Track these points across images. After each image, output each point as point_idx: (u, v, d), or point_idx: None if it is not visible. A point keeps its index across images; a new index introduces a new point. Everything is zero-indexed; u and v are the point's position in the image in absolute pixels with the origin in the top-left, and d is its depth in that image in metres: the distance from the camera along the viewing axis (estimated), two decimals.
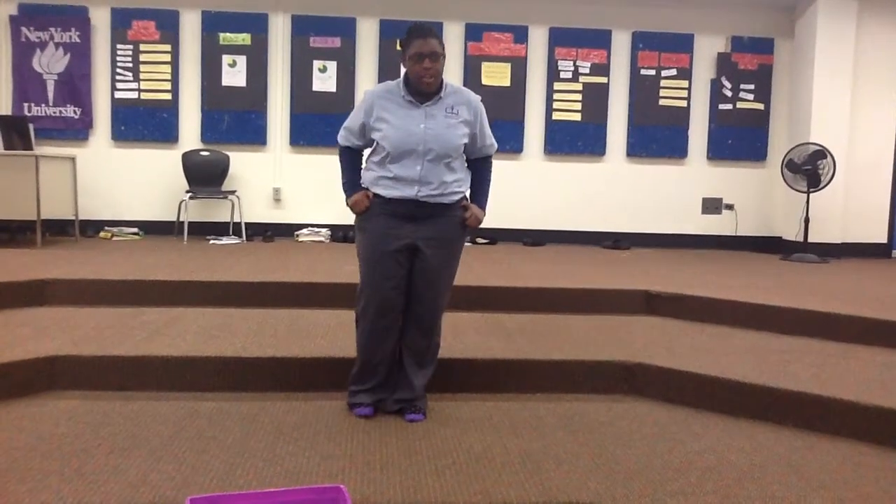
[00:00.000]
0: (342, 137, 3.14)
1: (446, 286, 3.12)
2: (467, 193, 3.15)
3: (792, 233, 7.59)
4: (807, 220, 7.22)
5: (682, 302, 4.59)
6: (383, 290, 3.00)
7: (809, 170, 7.13)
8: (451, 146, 2.97)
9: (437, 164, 2.95)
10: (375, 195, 3.01)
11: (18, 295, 4.31)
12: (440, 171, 2.96)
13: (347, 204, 3.09)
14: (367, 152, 3.17)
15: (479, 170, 3.18)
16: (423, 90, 2.96)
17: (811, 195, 7.21)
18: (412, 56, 2.91)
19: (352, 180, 3.12)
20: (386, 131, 2.95)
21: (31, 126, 6.50)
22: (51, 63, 7.44)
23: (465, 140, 3.02)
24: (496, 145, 3.21)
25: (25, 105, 7.44)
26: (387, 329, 3.05)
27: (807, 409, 3.08)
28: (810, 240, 7.23)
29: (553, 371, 3.51)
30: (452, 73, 7.78)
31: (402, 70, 3.05)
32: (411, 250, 3.01)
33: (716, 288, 4.91)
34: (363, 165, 3.15)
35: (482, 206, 3.16)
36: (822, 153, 7.11)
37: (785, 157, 7.35)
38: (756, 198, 8.19)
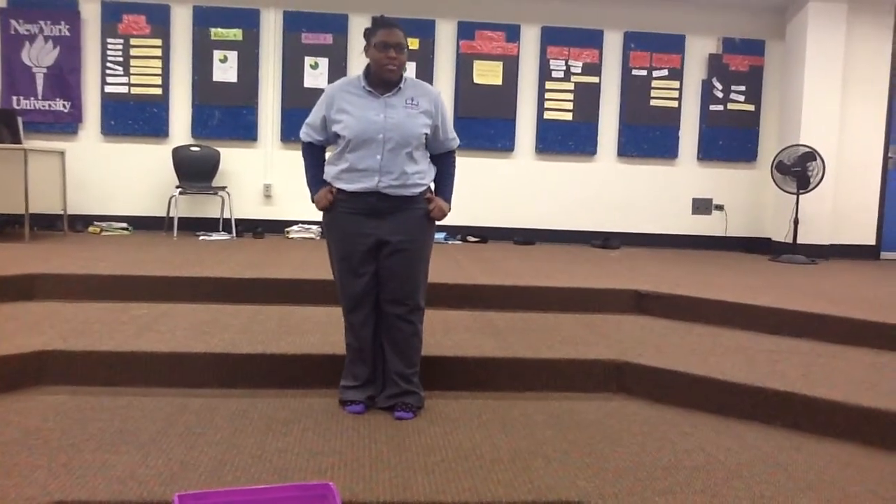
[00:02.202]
0: (304, 134, 3.16)
1: (420, 271, 3.10)
2: (431, 186, 3.16)
3: (781, 234, 7.63)
4: (796, 222, 7.26)
5: (671, 301, 4.60)
6: (356, 286, 3.05)
7: (799, 171, 7.17)
8: (411, 135, 2.98)
9: (398, 154, 2.96)
10: (339, 191, 3.03)
11: (6, 289, 4.28)
12: (401, 160, 2.97)
13: (312, 201, 3.11)
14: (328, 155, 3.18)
15: (443, 165, 3.19)
16: (385, 79, 2.99)
17: (800, 196, 7.24)
18: (377, 44, 2.96)
19: (315, 177, 3.14)
20: (346, 121, 2.98)
21: (19, 119, 6.45)
22: (40, 56, 7.40)
23: (426, 130, 3.03)
24: (458, 140, 3.22)
25: (14, 98, 7.39)
26: (367, 317, 3.09)
27: (795, 409, 3.09)
28: (799, 241, 7.27)
29: (543, 369, 3.52)
30: (444, 71, 7.80)
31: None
32: (379, 245, 3.03)
33: (705, 288, 4.93)
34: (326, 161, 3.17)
35: (447, 199, 3.17)
36: (811, 155, 7.14)
37: (775, 158, 7.38)
38: (746, 199, 8.23)
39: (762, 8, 8.03)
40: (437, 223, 3.16)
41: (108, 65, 7.48)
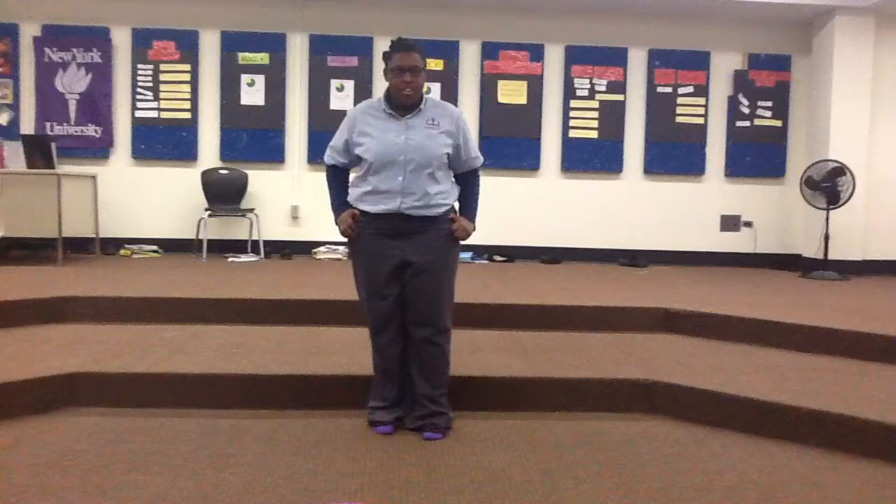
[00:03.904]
0: (328, 156, 3.19)
1: (444, 292, 3.10)
2: (456, 206, 3.17)
3: (811, 250, 7.53)
4: (826, 238, 7.17)
5: (700, 319, 4.56)
6: (381, 308, 3.07)
7: (828, 187, 7.09)
8: (432, 155, 2.99)
9: (420, 175, 2.98)
10: (362, 213, 3.05)
11: (40, 312, 4.35)
12: (423, 181, 2.99)
13: (336, 223, 3.12)
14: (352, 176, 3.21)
15: (467, 183, 3.20)
16: (403, 103, 3.01)
17: (831, 212, 7.16)
18: (393, 69, 2.99)
19: (339, 199, 3.16)
20: (368, 144, 3.01)
21: (53, 145, 6.58)
22: (73, 83, 7.55)
23: (448, 150, 3.05)
24: (482, 158, 3.23)
25: (48, 124, 7.54)
26: (393, 339, 3.10)
27: (829, 428, 3.04)
28: (830, 257, 7.17)
29: (571, 389, 3.49)
30: (468, 91, 7.84)
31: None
32: (404, 266, 3.03)
33: (735, 305, 4.87)
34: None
35: (471, 218, 3.18)
36: (841, 170, 7.06)
37: (803, 174, 7.31)
38: (775, 215, 8.15)
39: (788, 23, 7.99)
40: (463, 242, 3.16)
41: (139, 90, 7.61)
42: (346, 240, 3.16)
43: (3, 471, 2.56)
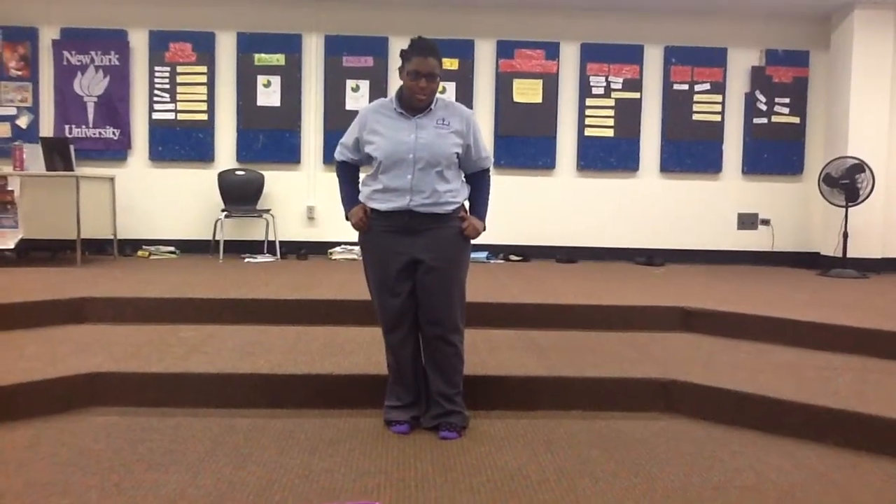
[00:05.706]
0: (338, 153, 3.22)
1: (455, 290, 3.10)
2: (466, 205, 3.17)
3: (830, 248, 7.47)
4: (845, 235, 7.11)
5: (718, 318, 4.53)
6: (392, 306, 3.08)
7: (847, 184, 7.02)
8: (441, 154, 3.00)
9: (428, 173, 2.99)
10: (372, 211, 3.07)
11: (59, 312, 4.39)
12: (431, 179, 3.00)
13: (346, 218, 3.14)
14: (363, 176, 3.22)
15: (478, 183, 3.21)
16: (415, 105, 3.03)
17: (849, 209, 7.09)
18: (410, 72, 2.99)
19: (349, 194, 3.19)
20: (378, 143, 3.03)
21: (72, 147, 6.64)
22: (91, 85, 7.62)
23: (457, 149, 3.05)
24: (492, 159, 3.23)
25: (67, 127, 7.61)
26: (405, 337, 3.11)
27: (848, 426, 3.02)
28: (849, 255, 7.11)
29: (588, 388, 3.48)
30: (483, 90, 7.83)
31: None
32: (414, 264, 3.04)
33: (753, 304, 4.84)
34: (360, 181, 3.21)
35: (481, 217, 3.18)
36: (860, 167, 7.00)
37: (822, 171, 7.24)
38: (793, 213, 8.08)
39: (805, 18, 7.92)
40: (477, 242, 3.16)
41: (156, 92, 7.66)
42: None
43: (24, 469, 2.59)
